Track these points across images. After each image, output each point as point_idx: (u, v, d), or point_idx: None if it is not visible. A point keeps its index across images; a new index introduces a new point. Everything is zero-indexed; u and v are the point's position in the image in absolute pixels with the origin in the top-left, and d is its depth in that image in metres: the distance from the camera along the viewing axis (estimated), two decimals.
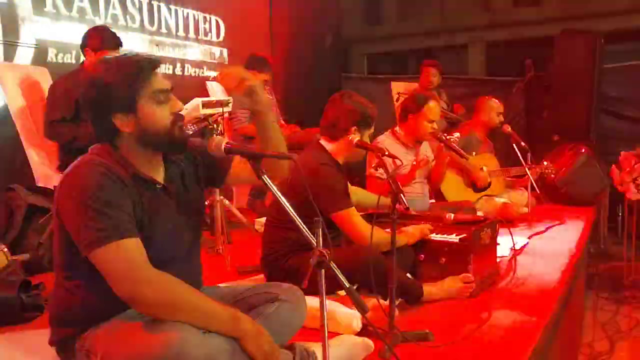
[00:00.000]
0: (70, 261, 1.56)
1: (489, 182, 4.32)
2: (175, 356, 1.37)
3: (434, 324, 2.23)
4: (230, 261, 3.24)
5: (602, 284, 4.78)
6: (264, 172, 1.57)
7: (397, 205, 2.06)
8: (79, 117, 3.29)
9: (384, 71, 11.40)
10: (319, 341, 1.54)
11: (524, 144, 4.21)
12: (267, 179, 1.57)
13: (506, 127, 4.38)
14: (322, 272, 1.45)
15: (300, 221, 1.51)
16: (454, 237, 2.66)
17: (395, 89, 5.98)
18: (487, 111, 4.47)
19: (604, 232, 5.60)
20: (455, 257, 2.61)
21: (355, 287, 1.56)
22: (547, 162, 4.46)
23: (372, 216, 2.26)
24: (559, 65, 6.21)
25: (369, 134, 2.64)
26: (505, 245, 3.13)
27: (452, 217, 2.87)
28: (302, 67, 6.85)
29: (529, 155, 4.21)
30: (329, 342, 1.55)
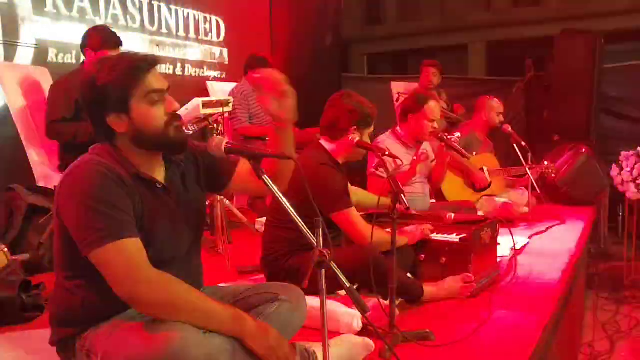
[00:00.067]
0: (70, 261, 1.56)
1: (489, 183, 4.32)
2: (175, 356, 1.37)
3: (434, 323, 2.23)
4: (230, 261, 3.24)
5: (603, 284, 4.77)
6: (264, 172, 1.57)
7: (397, 205, 2.06)
8: (80, 117, 3.28)
9: (384, 71, 11.41)
10: (319, 341, 1.54)
11: (524, 143, 4.21)
12: (267, 179, 1.57)
13: (506, 127, 4.38)
14: (323, 272, 1.45)
15: (300, 221, 1.51)
16: (454, 237, 2.66)
17: (395, 88, 5.98)
18: (487, 111, 4.47)
19: (604, 232, 5.60)
20: (455, 257, 2.61)
21: (355, 287, 1.56)
22: (548, 162, 4.46)
23: (373, 216, 2.25)
24: (559, 65, 6.21)
25: (368, 133, 2.64)
26: (505, 245, 3.13)
27: (452, 217, 2.87)
28: (302, 67, 6.85)
29: (529, 155, 4.21)
30: (330, 342, 1.55)
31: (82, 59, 3.50)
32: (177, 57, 5.46)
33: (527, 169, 4.15)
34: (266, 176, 1.57)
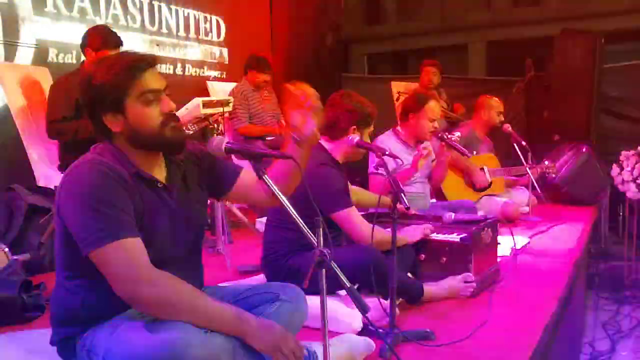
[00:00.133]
0: (71, 261, 1.56)
1: (489, 182, 4.32)
2: (176, 356, 1.37)
3: (434, 323, 2.23)
4: (230, 261, 3.24)
5: (603, 284, 4.77)
6: (265, 172, 1.57)
7: (397, 204, 2.06)
8: (80, 117, 3.28)
9: (384, 71, 11.41)
10: (319, 341, 1.54)
11: (524, 143, 4.21)
12: (267, 179, 1.57)
13: (506, 127, 4.39)
14: (323, 271, 1.45)
15: (301, 221, 1.51)
16: (454, 237, 2.66)
17: (395, 88, 5.98)
18: (487, 110, 4.47)
19: (605, 232, 5.59)
20: (456, 257, 2.62)
21: (355, 287, 1.56)
22: (548, 161, 4.46)
23: (373, 216, 2.26)
24: (559, 65, 6.21)
25: (368, 132, 2.64)
26: (506, 244, 3.13)
27: (452, 216, 2.87)
28: (302, 66, 6.85)
29: (530, 154, 4.21)
30: (330, 341, 1.55)
31: (82, 58, 3.50)
32: (177, 57, 5.46)
33: (527, 168, 4.14)
34: (267, 176, 1.57)
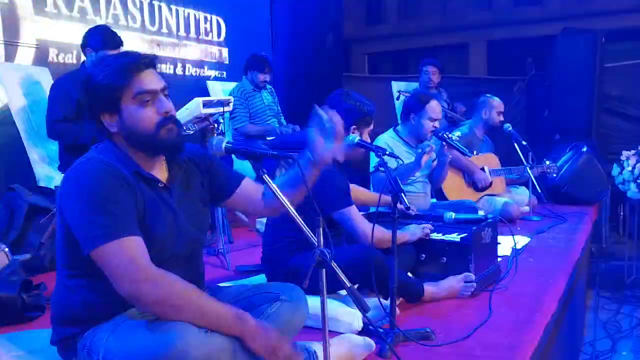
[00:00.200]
0: (72, 260, 1.56)
1: (490, 182, 4.31)
2: (176, 355, 1.37)
3: (434, 323, 2.22)
4: (230, 261, 3.24)
5: (604, 283, 4.77)
6: (265, 172, 1.57)
7: (398, 204, 2.06)
8: (81, 117, 3.28)
9: (385, 70, 11.41)
10: (320, 340, 1.54)
11: (525, 143, 4.20)
12: (267, 178, 1.57)
13: (507, 127, 4.38)
14: (323, 271, 1.45)
15: (301, 221, 1.51)
16: (454, 237, 2.65)
17: (395, 87, 5.98)
18: (488, 110, 4.47)
19: (605, 231, 5.59)
20: (456, 257, 2.61)
21: (356, 287, 1.56)
22: (549, 161, 4.45)
23: (374, 215, 2.26)
24: (560, 64, 6.21)
25: (368, 131, 2.63)
26: (506, 244, 3.13)
27: (452, 216, 2.86)
28: (303, 66, 6.84)
29: (530, 154, 4.20)
30: (330, 341, 1.55)
31: (83, 58, 3.50)
32: (177, 57, 5.46)
33: (528, 168, 4.14)
34: (267, 176, 1.57)
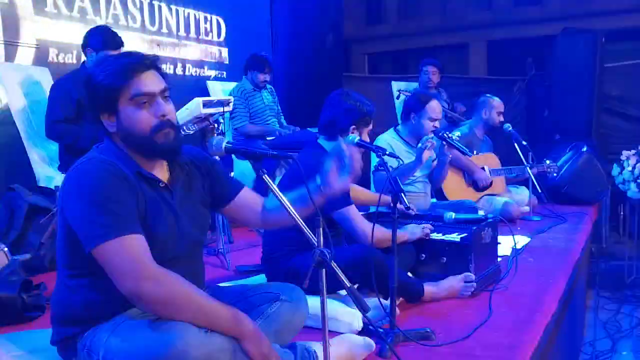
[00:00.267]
0: (73, 259, 1.57)
1: (490, 181, 4.31)
2: (176, 355, 1.37)
3: (434, 323, 2.22)
4: (230, 261, 3.24)
5: (604, 283, 4.77)
6: (265, 172, 1.57)
7: (397, 204, 2.06)
8: (81, 117, 3.29)
9: (385, 70, 11.41)
10: (320, 340, 1.54)
11: (525, 143, 4.20)
12: (267, 178, 1.57)
13: (507, 127, 4.38)
14: (323, 271, 1.45)
15: (301, 220, 1.51)
16: (455, 237, 2.65)
17: (395, 87, 5.97)
18: (488, 110, 4.46)
19: (606, 231, 5.59)
20: (455, 257, 2.61)
21: (356, 287, 1.56)
22: (549, 161, 4.45)
23: (374, 215, 2.25)
24: (560, 64, 6.21)
25: (367, 131, 2.63)
26: (506, 244, 3.13)
27: (452, 216, 2.86)
28: (303, 66, 6.84)
29: (530, 154, 4.20)
30: (330, 341, 1.55)
31: (83, 58, 3.50)
32: (177, 57, 5.46)
33: (528, 168, 4.14)
34: (266, 176, 1.57)
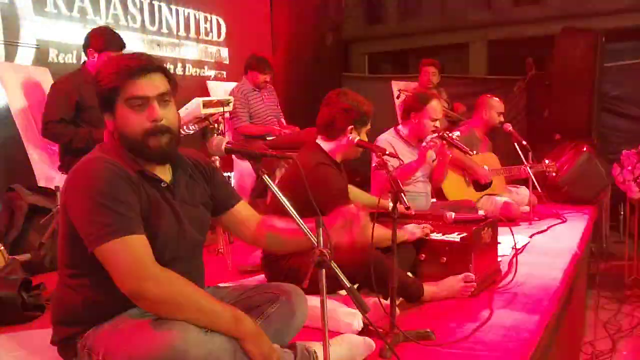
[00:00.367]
0: (74, 259, 1.57)
1: (490, 181, 4.31)
2: (176, 355, 1.37)
3: (435, 323, 2.22)
4: (231, 261, 3.24)
5: (604, 283, 4.76)
6: (264, 172, 1.57)
7: (397, 204, 2.06)
8: (79, 118, 3.28)
9: (385, 70, 11.41)
10: (320, 340, 1.54)
11: (525, 142, 4.20)
12: (267, 178, 1.58)
13: (507, 126, 4.37)
14: (323, 271, 1.45)
15: (300, 221, 1.51)
16: (454, 237, 2.65)
17: (395, 87, 5.97)
18: (488, 110, 4.46)
19: (606, 231, 5.59)
20: (456, 257, 2.61)
21: (355, 287, 1.56)
22: (549, 160, 4.45)
23: (373, 215, 2.25)
24: (560, 63, 6.20)
25: (365, 130, 2.63)
26: (506, 244, 3.12)
27: (452, 216, 2.86)
28: (303, 66, 6.85)
29: (530, 154, 4.20)
30: (330, 341, 1.55)
31: (83, 59, 3.50)
32: (177, 57, 5.47)
33: (527, 167, 4.14)
34: (266, 176, 1.58)
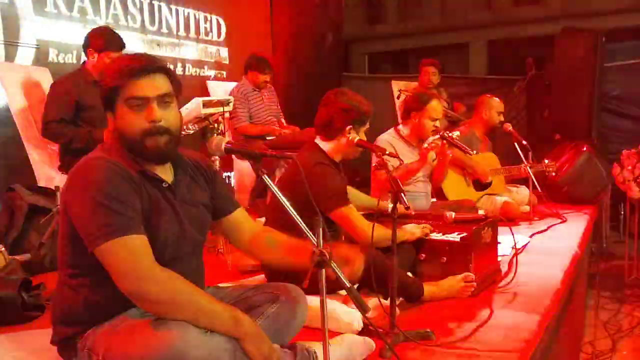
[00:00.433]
0: (75, 259, 1.57)
1: (490, 181, 4.31)
2: (176, 355, 1.37)
3: (435, 323, 2.22)
4: (230, 261, 3.24)
5: (604, 283, 4.77)
6: (264, 172, 1.57)
7: (397, 204, 2.06)
8: (79, 118, 3.28)
9: (385, 70, 11.41)
10: (320, 340, 1.54)
11: (525, 142, 4.20)
12: (267, 178, 1.58)
13: (507, 126, 4.37)
14: (323, 271, 1.45)
15: (300, 221, 1.51)
16: (454, 236, 2.65)
17: (396, 87, 5.97)
18: (488, 110, 4.46)
19: (606, 231, 5.59)
20: (456, 256, 2.61)
21: (355, 287, 1.56)
22: (549, 160, 4.45)
23: (373, 215, 2.25)
24: (560, 63, 6.20)
25: (364, 130, 2.63)
26: (506, 244, 3.12)
27: (452, 216, 2.86)
28: (303, 66, 6.85)
29: (530, 154, 4.20)
30: (330, 341, 1.55)
31: (83, 59, 3.50)
32: (177, 57, 5.47)
33: (527, 167, 4.14)
34: (266, 176, 1.58)
